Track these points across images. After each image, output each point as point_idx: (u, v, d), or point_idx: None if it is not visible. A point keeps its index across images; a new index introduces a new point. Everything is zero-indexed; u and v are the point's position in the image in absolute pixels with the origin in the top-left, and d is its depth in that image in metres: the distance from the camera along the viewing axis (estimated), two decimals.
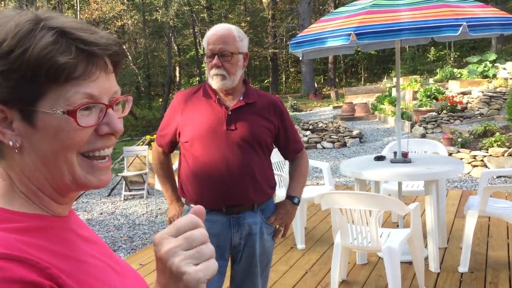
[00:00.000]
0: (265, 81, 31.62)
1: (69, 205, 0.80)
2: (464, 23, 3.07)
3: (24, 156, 0.73)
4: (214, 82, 2.08)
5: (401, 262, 3.18)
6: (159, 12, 23.41)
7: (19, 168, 0.74)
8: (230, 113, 2.10)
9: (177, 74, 28.43)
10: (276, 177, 4.64)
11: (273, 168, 4.73)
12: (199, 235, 0.65)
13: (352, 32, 3.20)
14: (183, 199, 2.28)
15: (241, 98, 2.15)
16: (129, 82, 21.36)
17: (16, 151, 0.72)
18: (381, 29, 3.19)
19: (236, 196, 2.11)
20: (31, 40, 0.68)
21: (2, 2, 20.33)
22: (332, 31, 3.38)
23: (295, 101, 19.19)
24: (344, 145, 10.52)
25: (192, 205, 2.14)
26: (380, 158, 4.11)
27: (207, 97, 2.14)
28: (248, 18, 30.15)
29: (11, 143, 0.71)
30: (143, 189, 7.52)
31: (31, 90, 0.69)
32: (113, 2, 21.88)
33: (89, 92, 0.71)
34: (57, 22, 0.72)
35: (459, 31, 3.07)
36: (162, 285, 0.65)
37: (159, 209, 6.57)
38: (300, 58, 4.09)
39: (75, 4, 21.96)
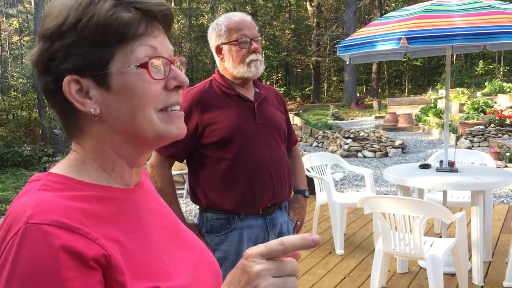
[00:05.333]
0: (307, 89, 31.55)
1: (137, 174, 0.83)
2: None
3: (102, 123, 0.76)
4: (253, 69, 1.94)
5: (443, 274, 3.10)
6: (205, 17, 23.81)
7: (98, 138, 0.77)
8: (256, 106, 2.00)
9: None
10: (316, 180, 4.68)
11: (315, 172, 4.74)
12: (290, 267, 0.66)
13: (403, 36, 3.16)
14: (193, 206, 2.08)
15: (257, 90, 2.06)
16: None
17: (96, 118, 0.75)
18: (433, 34, 3.14)
19: (279, 196, 2.02)
20: (93, 8, 0.72)
21: None
22: (382, 35, 3.35)
23: (337, 110, 19.08)
24: (385, 155, 10.36)
25: (220, 213, 1.97)
26: (425, 166, 4.03)
27: (225, 92, 1.98)
28: (292, 26, 30.22)
29: (92, 110, 0.74)
30: (183, 188, 7.63)
31: (102, 53, 0.73)
32: None
33: (152, 44, 0.75)
34: None
35: None
36: None
37: (198, 208, 6.63)
38: (347, 62, 4.08)
39: None
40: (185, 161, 2.07)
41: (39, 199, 0.68)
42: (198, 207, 2.07)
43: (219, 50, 2.00)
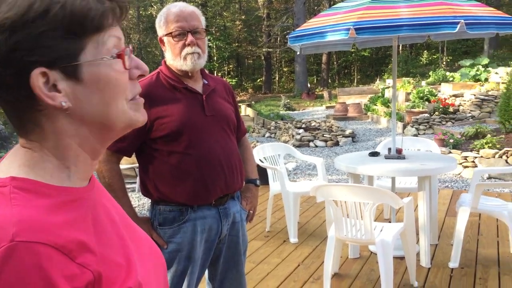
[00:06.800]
0: (258, 80, 31.64)
1: (93, 168, 0.80)
2: (462, 20, 3.11)
3: (69, 117, 0.72)
4: (189, 62, 1.91)
5: (393, 257, 3.21)
6: (154, 7, 23.36)
7: (62, 133, 0.73)
8: (205, 98, 1.99)
9: None
10: (270, 171, 4.71)
11: (268, 162, 4.77)
12: None
13: (352, 27, 3.22)
14: (145, 199, 2.06)
15: (205, 82, 2.04)
16: None
17: (67, 112, 0.71)
18: (380, 25, 3.22)
19: (231, 186, 2.02)
20: None
21: None
22: (332, 26, 3.40)
23: (288, 100, 19.25)
24: (336, 144, 10.57)
25: (173, 205, 1.96)
26: (374, 154, 4.14)
27: (173, 84, 1.96)
28: (243, 17, 30.15)
29: (63, 104, 0.70)
30: (135, 182, 7.51)
31: (74, 44, 0.69)
32: None
33: (118, 35, 0.74)
34: None
35: (457, 29, 3.11)
36: None
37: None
38: (298, 53, 4.12)
39: None
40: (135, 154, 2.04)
41: (19, 214, 0.63)
42: (150, 200, 2.05)
43: (162, 41, 1.98)
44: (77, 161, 0.75)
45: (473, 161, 7.02)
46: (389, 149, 4.11)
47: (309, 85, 25.39)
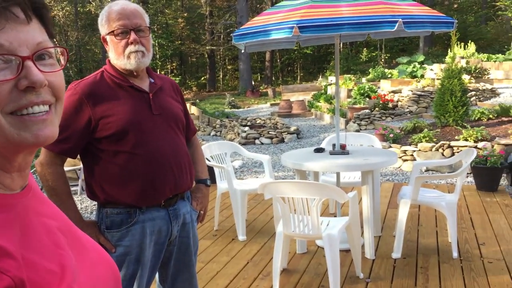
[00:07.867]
0: (202, 78, 31.45)
1: (20, 178, 0.76)
2: (400, 19, 3.22)
3: None
4: (133, 61, 1.87)
5: (339, 250, 3.28)
6: (92, 4, 22.68)
7: None
8: (151, 96, 1.95)
9: None
10: (217, 169, 4.70)
11: (215, 160, 4.76)
12: None
13: (295, 25, 3.26)
14: (90, 202, 2.00)
15: (152, 80, 2.01)
16: None
17: None
18: (322, 23, 3.28)
19: (180, 186, 2.00)
20: None
21: None
22: (276, 24, 3.43)
23: (233, 98, 19.25)
24: (282, 141, 10.69)
25: (120, 207, 1.91)
26: (319, 150, 4.22)
27: (118, 83, 1.91)
28: (185, 14, 29.84)
29: None
30: (77, 185, 7.27)
31: None
32: None
33: None
34: None
35: (396, 27, 3.22)
36: None
37: (94, 205, 6.38)
38: (243, 51, 4.12)
39: None
40: (78, 156, 1.97)
41: None
42: (94, 203, 1.99)
43: (105, 40, 1.93)
44: None
45: (412, 155, 7.31)
46: (334, 145, 4.20)
47: (253, 83, 25.53)
